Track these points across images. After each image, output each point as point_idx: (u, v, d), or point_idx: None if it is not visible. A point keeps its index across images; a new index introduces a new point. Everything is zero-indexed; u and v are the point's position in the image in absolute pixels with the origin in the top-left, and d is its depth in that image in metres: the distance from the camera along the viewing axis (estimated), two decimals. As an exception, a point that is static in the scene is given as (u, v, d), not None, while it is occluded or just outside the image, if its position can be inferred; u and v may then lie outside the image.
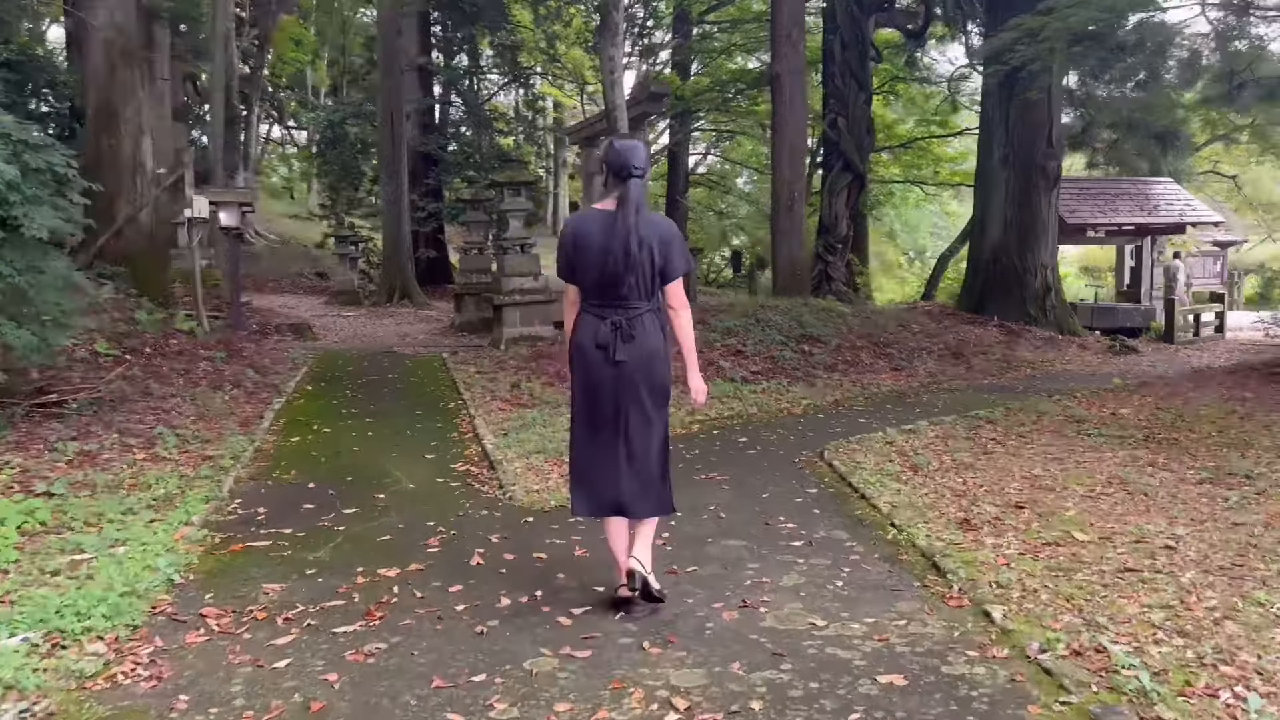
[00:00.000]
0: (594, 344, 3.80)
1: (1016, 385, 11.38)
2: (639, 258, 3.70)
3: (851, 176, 18.06)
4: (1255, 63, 16.38)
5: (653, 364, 3.83)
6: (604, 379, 3.80)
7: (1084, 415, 8.52)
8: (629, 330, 3.75)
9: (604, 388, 3.82)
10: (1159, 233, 18.71)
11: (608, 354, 3.76)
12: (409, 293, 20.63)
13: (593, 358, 3.81)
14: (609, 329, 3.76)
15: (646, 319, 3.81)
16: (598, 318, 3.80)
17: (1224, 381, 10.96)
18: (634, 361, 3.77)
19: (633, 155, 3.81)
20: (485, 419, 8.40)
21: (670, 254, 3.80)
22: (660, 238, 3.78)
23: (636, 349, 3.77)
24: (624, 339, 3.75)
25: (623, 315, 3.76)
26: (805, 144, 15.77)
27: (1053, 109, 15.50)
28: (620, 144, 3.93)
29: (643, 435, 3.86)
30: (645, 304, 3.80)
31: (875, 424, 8.60)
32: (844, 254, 18.18)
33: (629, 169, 3.75)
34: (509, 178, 13.26)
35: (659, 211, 4.58)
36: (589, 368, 3.84)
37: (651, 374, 3.83)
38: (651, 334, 3.81)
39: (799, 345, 11.61)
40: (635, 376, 3.79)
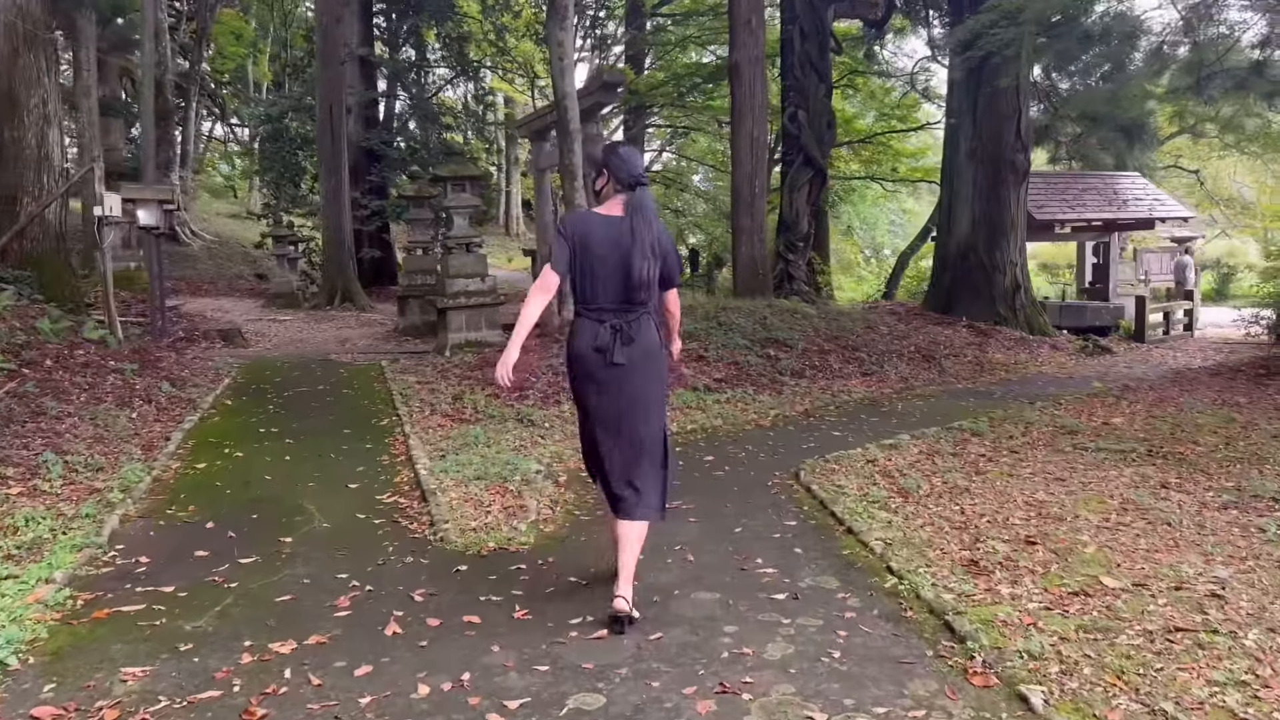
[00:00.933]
0: (592, 347, 3.81)
1: (993, 390, 10.74)
2: (642, 267, 3.73)
3: (812, 172, 17.39)
4: (1225, 53, 15.97)
5: (649, 363, 3.87)
6: (602, 381, 3.83)
7: (1075, 425, 7.86)
8: (628, 333, 3.78)
9: (603, 390, 3.85)
10: (1128, 228, 18.29)
11: (606, 357, 3.78)
12: (351, 295, 19.61)
13: (591, 361, 3.82)
14: (609, 332, 3.78)
15: (644, 321, 3.85)
16: (596, 321, 3.82)
17: (1210, 384, 10.41)
18: (631, 363, 3.80)
19: (637, 160, 3.91)
20: (421, 438, 7.54)
21: (669, 260, 3.90)
22: (659, 243, 3.83)
23: (635, 350, 3.80)
24: (624, 341, 3.78)
25: (622, 319, 3.79)
26: (766, 136, 15.07)
27: (1021, 100, 14.94)
28: (624, 150, 3.96)
29: (640, 434, 3.90)
30: (644, 307, 3.84)
31: (851, 437, 7.88)
32: (805, 252, 17.51)
33: (637, 178, 3.82)
34: (453, 172, 12.37)
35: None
36: (587, 371, 3.86)
37: (648, 373, 3.87)
38: (649, 335, 3.86)
39: (764, 350, 10.88)
40: (633, 377, 3.82)
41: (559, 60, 11.23)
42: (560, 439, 7.63)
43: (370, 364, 11.82)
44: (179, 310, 16.66)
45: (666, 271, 3.89)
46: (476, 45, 28.15)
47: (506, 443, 7.36)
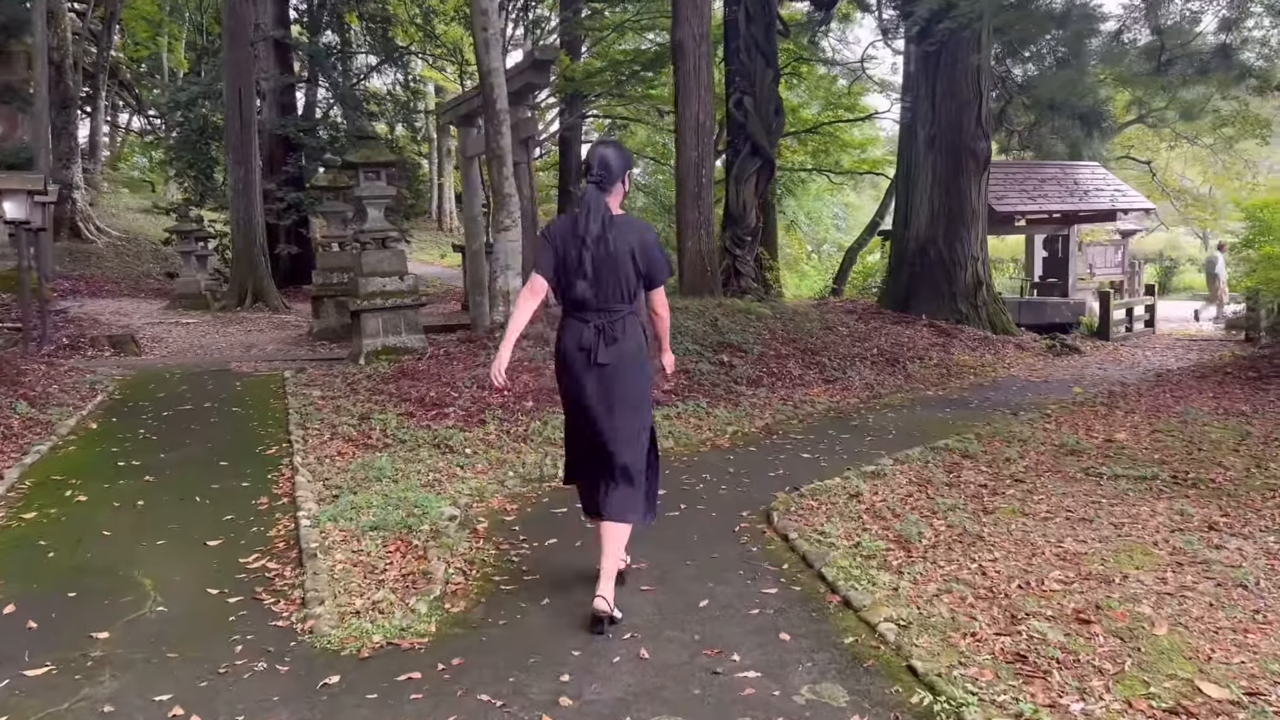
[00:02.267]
0: (577, 347, 3.81)
1: (968, 398, 9.76)
2: (606, 264, 3.72)
3: (760, 162, 16.30)
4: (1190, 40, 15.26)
5: (634, 364, 3.84)
6: (587, 381, 3.81)
7: (1075, 444, 6.87)
8: (611, 333, 3.77)
9: (588, 390, 3.83)
10: (1090, 220, 17.57)
11: (590, 357, 3.77)
12: (264, 295, 18.11)
13: (575, 361, 3.82)
14: (592, 332, 3.78)
15: (628, 321, 3.82)
16: (581, 321, 3.81)
17: (1200, 389, 9.56)
18: (616, 362, 3.78)
19: (593, 158, 3.82)
20: (314, 471, 6.27)
21: (653, 260, 3.83)
22: (640, 243, 3.79)
23: (619, 350, 3.78)
24: (607, 341, 3.77)
25: (605, 319, 3.78)
26: (713, 121, 13.97)
27: (982, 84, 14.04)
28: (596, 146, 3.91)
29: (625, 435, 3.87)
30: (626, 307, 3.81)
31: (824, 460, 6.80)
32: (753, 247, 16.44)
33: (588, 174, 3.78)
34: (365, 157, 11.04)
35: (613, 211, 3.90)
36: (572, 372, 3.85)
37: (633, 373, 3.85)
38: (633, 336, 3.83)
39: (716, 355, 9.76)
40: (618, 377, 3.80)
41: (482, 31, 9.97)
42: (484, 469, 6.43)
43: (273, 374, 10.46)
44: (67, 314, 15.05)
45: (647, 269, 3.80)
46: (403, 29, 26.67)
47: (418, 476, 6.13)
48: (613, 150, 3.87)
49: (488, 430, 7.25)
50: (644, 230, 3.90)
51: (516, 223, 10.68)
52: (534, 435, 7.18)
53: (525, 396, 8.05)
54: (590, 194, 3.77)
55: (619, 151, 3.89)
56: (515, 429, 7.34)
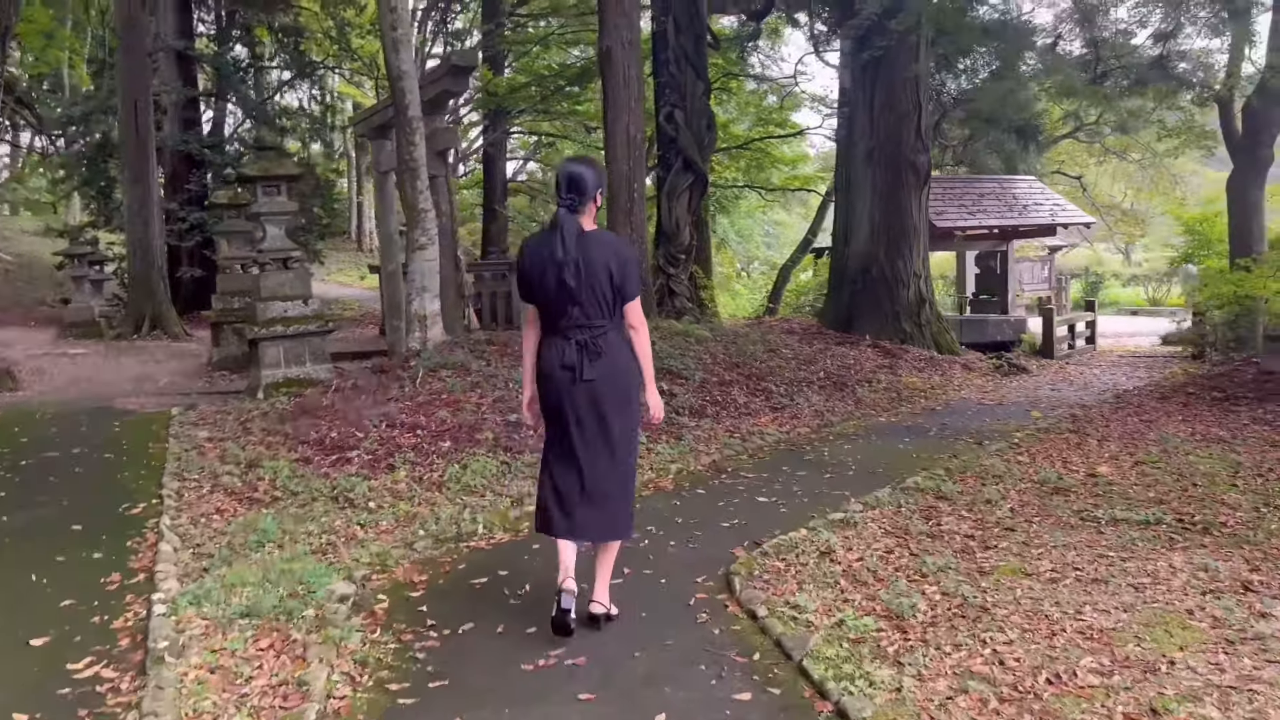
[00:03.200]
0: (560, 365, 3.74)
1: (924, 425, 9.09)
2: (584, 282, 3.66)
3: (693, 177, 15.65)
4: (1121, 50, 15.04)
5: (621, 381, 3.79)
6: (573, 400, 3.74)
7: (1057, 480, 6.20)
8: (595, 349, 3.70)
9: (573, 409, 3.76)
10: (1030, 235, 17.24)
11: (575, 374, 3.70)
12: (163, 321, 16.76)
13: (560, 379, 3.74)
14: (575, 349, 3.71)
15: (611, 337, 3.75)
16: (562, 339, 3.74)
17: (1167, 411, 9.04)
18: (601, 380, 3.71)
19: (563, 178, 3.74)
20: (184, 535, 5.27)
21: (627, 274, 3.74)
22: (616, 258, 3.72)
23: (605, 367, 3.72)
24: (591, 357, 3.70)
25: (587, 335, 3.71)
26: (644, 134, 13.19)
27: (921, 96, 13.55)
28: (565, 163, 3.82)
29: (611, 459, 3.82)
30: (608, 323, 3.74)
31: (782, 503, 6.01)
32: (687, 265, 15.75)
33: (558, 194, 3.73)
34: (263, 170, 9.99)
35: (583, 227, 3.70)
36: (556, 391, 3.77)
37: (621, 392, 3.79)
38: (618, 352, 3.77)
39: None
40: (603, 396, 3.73)
41: (391, 31, 9.05)
42: (389, 527, 5.48)
43: (161, 412, 9.33)
44: (-65, 346, 13.64)
45: (621, 283, 3.72)
46: (316, 43, 25.48)
47: (308, 539, 5.17)
48: (583, 168, 3.79)
49: (396, 478, 6.30)
50: (619, 245, 3.87)
51: (433, 241, 9.75)
52: (450, 483, 6.26)
53: (442, 435, 7.11)
54: (562, 217, 3.69)
55: (590, 169, 3.81)
56: (429, 475, 6.40)
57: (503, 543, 5.27)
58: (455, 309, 11.63)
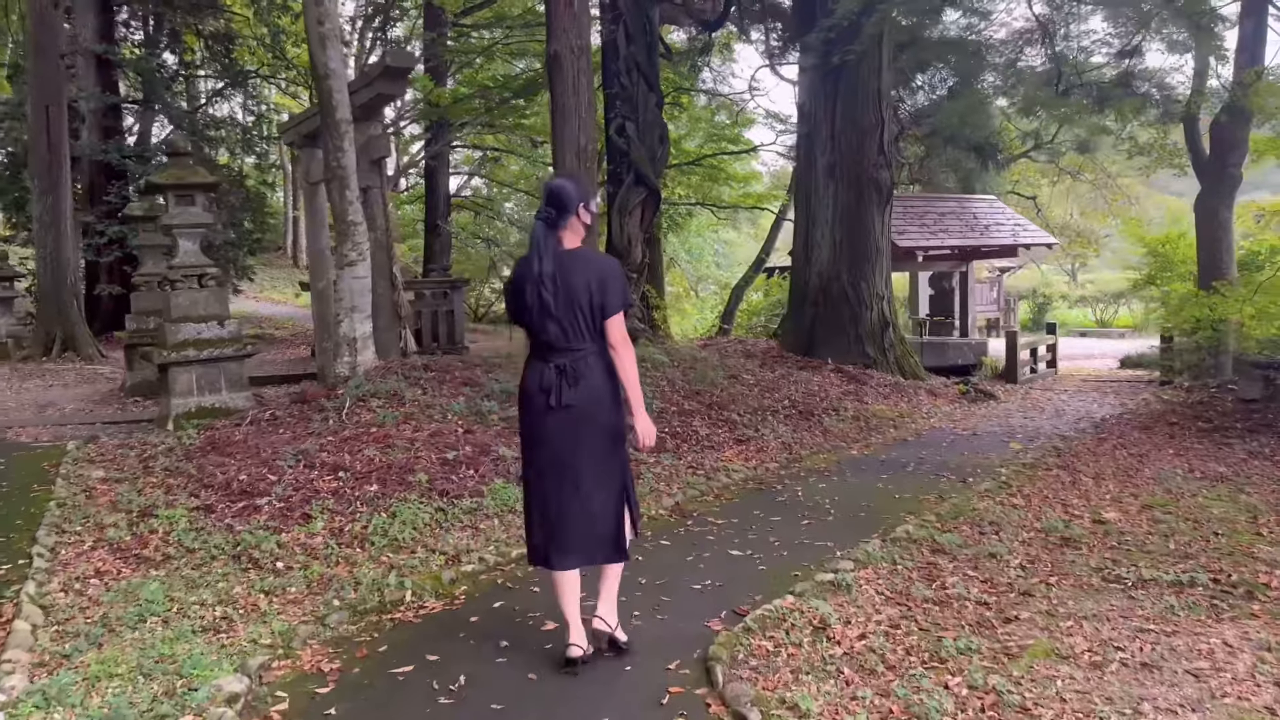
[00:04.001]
0: (538, 388, 3.64)
1: (899, 458, 8.42)
2: (561, 301, 3.54)
3: (645, 192, 14.90)
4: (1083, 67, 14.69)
5: (601, 407, 3.63)
6: (550, 426, 3.63)
7: (1063, 528, 5.54)
8: (574, 373, 3.58)
9: (551, 435, 3.64)
10: (992, 255, 16.80)
11: (551, 399, 3.59)
12: (75, 342, 15.58)
13: (538, 404, 3.65)
14: (553, 373, 3.60)
15: (591, 360, 3.62)
16: (542, 361, 3.66)
17: (1151, 442, 8.49)
18: (581, 406, 3.59)
19: (546, 192, 3.70)
20: (50, 608, 4.37)
21: (608, 289, 3.59)
22: (598, 277, 3.58)
23: (582, 393, 3.59)
24: (569, 383, 3.58)
25: (566, 359, 3.59)
26: (595, 144, 12.45)
27: (883, 110, 13.01)
28: (549, 181, 3.78)
29: (596, 483, 3.66)
30: (589, 345, 3.61)
31: (759, 557, 5.27)
32: (639, 285, 14.97)
33: (540, 210, 3.65)
34: (175, 178, 9.02)
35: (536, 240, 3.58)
36: (534, 415, 3.68)
37: (601, 417, 3.64)
38: (598, 376, 3.62)
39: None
40: (583, 421, 3.61)
41: (318, 26, 8.20)
42: (299, 594, 4.62)
43: (56, 446, 8.30)
44: None
45: (601, 301, 3.56)
46: (249, 51, 24.39)
47: (198, 612, 4.30)
48: (566, 183, 3.69)
49: (312, 530, 5.42)
50: (602, 262, 3.71)
51: (364, 257, 8.89)
52: (375, 536, 5.39)
53: (367, 477, 6.24)
54: (538, 231, 3.62)
55: (574, 184, 3.71)
56: (350, 527, 5.53)
57: (434, 612, 4.44)
58: (391, 331, 10.75)
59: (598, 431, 3.64)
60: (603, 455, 3.67)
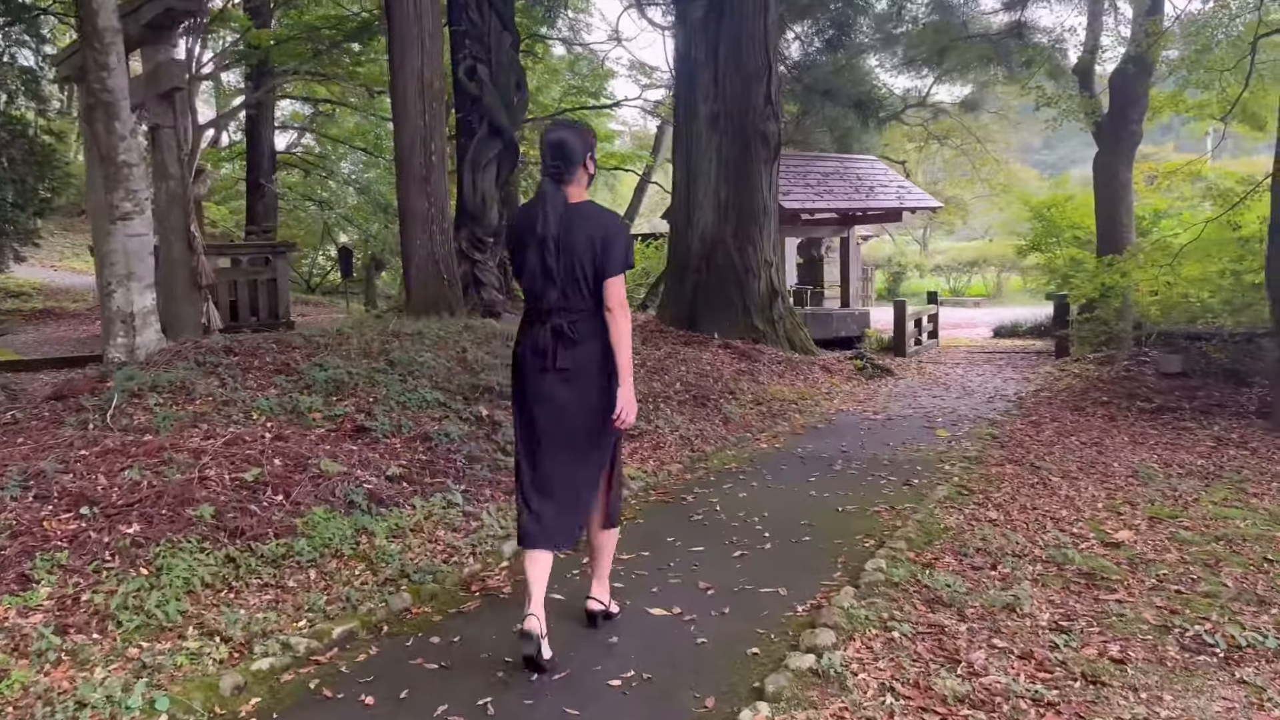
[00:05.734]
0: (531, 351, 3.42)
1: (818, 452, 7.08)
2: (565, 262, 3.31)
3: (501, 145, 13.09)
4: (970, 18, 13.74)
5: (597, 370, 3.39)
6: (545, 389, 3.40)
7: (1077, 560, 4.29)
8: (571, 334, 3.35)
9: (545, 399, 3.41)
10: (877, 220, 15.81)
11: (546, 361, 3.37)
12: None
13: (531, 366, 3.43)
14: (549, 334, 3.37)
15: (590, 323, 3.38)
16: (538, 322, 3.41)
17: (1099, 428, 7.46)
18: (577, 369, 3.37)
19: (546, 146, 3.43)
20: None
21: (610, 248, 3.33)
22: (601, 235, 3.33)
23: (580, 355, 3.37)
24: (565, 345, 3.35)
25: (564, 319, 3.36)
26: (443, 81, 10.59)
27: (770, 52, 11.63)
28: (547, 130, 3.49)
29: (589, 453, 3.45)
30: (588, 307, 3.36)
31: (692, 618, 3.77)
32: (497, 250, 13.21)
33: (545, 163, 3.41)
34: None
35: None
36: (528, 378, 3.45)
37: (598, 381, 3.40)
38: (596, 338, 3.38)
39: (471, 408, 6.45)
40: (580, 385, 3.38)
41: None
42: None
43: None
44: None
45: (601, 261, 3.30)
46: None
47: None
48: (568, 133, 3.42)
49: (29, 602, 3.56)
50: (606, 219, 3.43)
51: (143, 209, 6.87)
52: (125, 611, 3.58)
53: (126, 511, 4.37)
54: (547, 188, 3.36)
55: (576, 133, 3.44)
56: (91, 595, 3.70)
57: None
58: (189, 303, 8.68)
59: (593, 397, 3.39)
60: (598, 424, 3.41)
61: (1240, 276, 8.75)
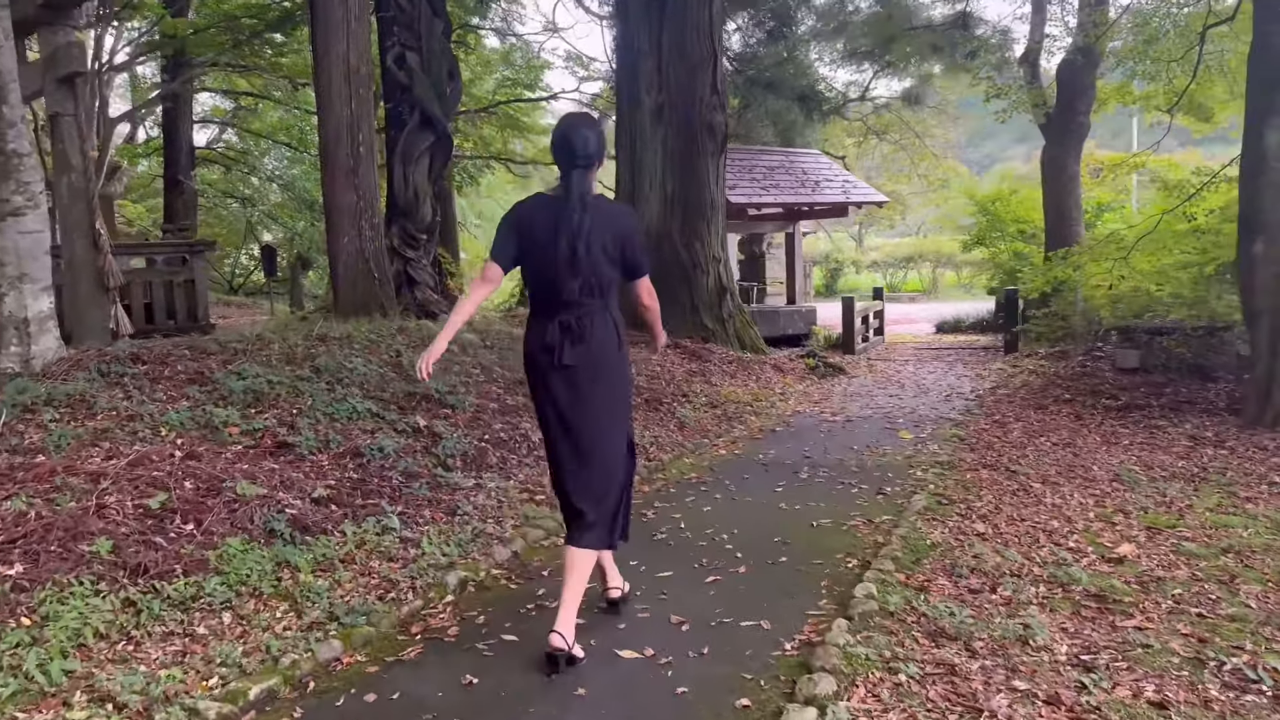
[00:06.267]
0: (540, 348, 3.35)
1: (783, 459, 6.69)
2: (588, 259, 3.23)
3: (434, 137, 12.46)
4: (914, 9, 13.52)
5: (605, 367, 3.35)
6: (554, 386, 3.35)
7: (1082, 580, 3.92)
8: (579, 331, 3.29)
9: (555, 396, 3.36)
10: (824, 215, 15.51)
11: (554, 357, 3.29)
12: None
13: (540, 363, 3.36)
14: (557, 330, 3.30)
15: (598, 318, 3.32)
16: (545, 318, 3.34)
17: (1067, 428, 7.19)
18: (585, 366, 3.31)
19: (575, 137, 3.30)
20: None
21: (634, 250, 3.39)
22: (620, 233, 3.34)
23: (587, 352, 3.30)
24: (573, 341, 3.29)
25: (572, 315, 3.29)
26: (370, 67, 9.96)
27: (715, 40, 11.24)
28: (565, 124, 3.41)
29: (597, 449, 3.38)
30: (596, 301, 3.31)
31: (668, 659, 3.31)
32: (430, 247, 12.59)
33: (571, 156, 3.29)
34: None
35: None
36: (538, 375, 3.40)
37: (605, 378, 3.36)
38: (604, 334, 3.34)
39: (407, 418, 5.90)
40: (587, 382, 3.33)
41: None
42: None
43: None
44: None
45: (626, 260, 3.36)
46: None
47: None
48: (590, 125, 3.41)
49: None
50: (621, 214, 3.56)
51: (37, 204, 6.19)
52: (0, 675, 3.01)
53: (7, 550, 3.77)
54: (579, 180, 3.28)
55: (596, 126, 3.43)
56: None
57: None
58: (94, 307, 7.96)
59: (601, 394, 3.35)
60: (606, 421, 3.38)
61: (1202, 269, 8.57)
